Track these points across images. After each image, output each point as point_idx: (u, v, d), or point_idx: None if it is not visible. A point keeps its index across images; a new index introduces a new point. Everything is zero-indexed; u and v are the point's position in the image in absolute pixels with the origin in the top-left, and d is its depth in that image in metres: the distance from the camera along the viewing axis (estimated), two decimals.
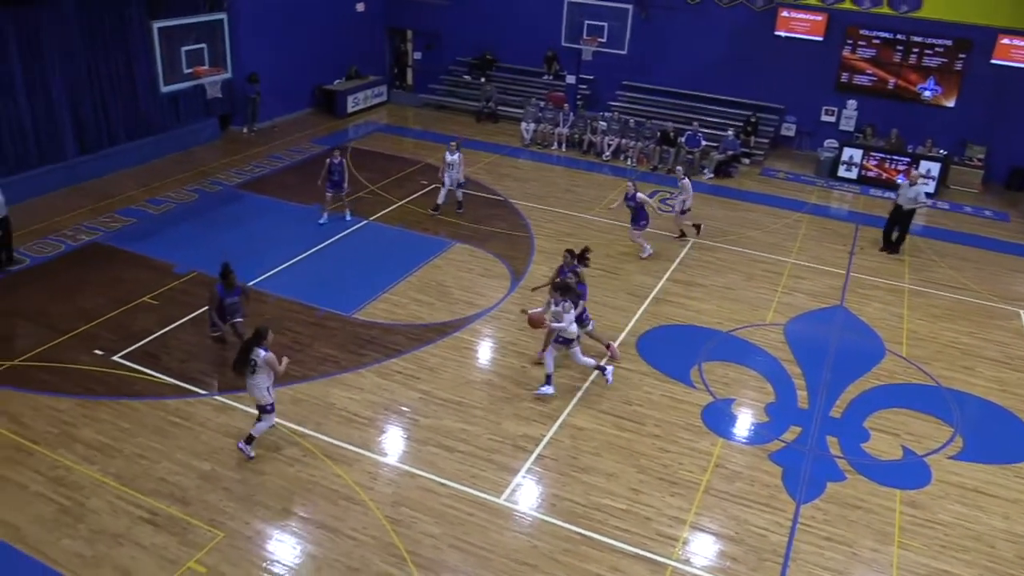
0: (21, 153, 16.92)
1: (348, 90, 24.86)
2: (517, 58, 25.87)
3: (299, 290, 13.83)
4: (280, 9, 22.39)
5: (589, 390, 11.50)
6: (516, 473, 9.82)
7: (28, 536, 8.50)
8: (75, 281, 13.76)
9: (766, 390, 11.79)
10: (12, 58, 16.28)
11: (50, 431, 10.10)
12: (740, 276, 15.35)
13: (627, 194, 15.58)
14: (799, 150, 23.22)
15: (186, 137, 20.73)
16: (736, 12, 22.81)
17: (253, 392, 9.62)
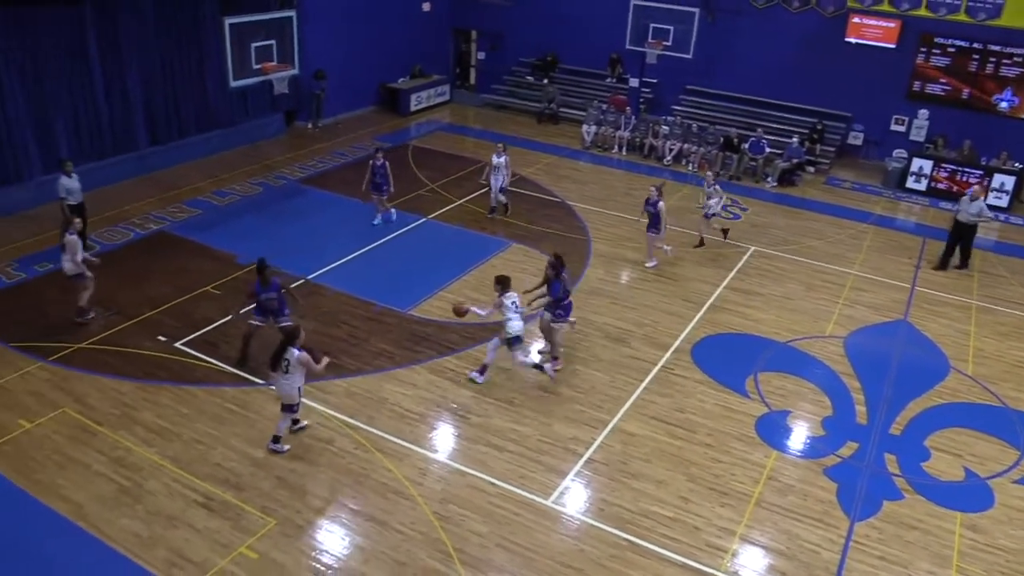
0: (96, 143, 17.53)
1: (411, 89, 25.11)
2: (580, 60, 25.80)
3: (357, 285, 14.00)
4: (348, 7, 22.72)
5: (642, 396, 11.41)
6: (565, 476, 9.79)
7: (89, 513, 8.77)
8: (142, 269, 14.16)
9: (823, 403, 11.54)
10: (92, 52, 16.88)
11: (113, 413, 10.42)
12: (800, 286, 15.06)
13: (648, 199, 15.09)
14: (866, 159, 22.69)
15: (252, 131, 21.18)
16: (805, 17, 22.39)
17: (283, 390, 9.60)
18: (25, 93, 15.91)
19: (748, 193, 19.85)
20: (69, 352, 11.64)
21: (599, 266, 15.30)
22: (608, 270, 15.23)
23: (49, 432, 9.97)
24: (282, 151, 20.84)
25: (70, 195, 14.01)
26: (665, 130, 21.99)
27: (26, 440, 9.81)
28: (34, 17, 15.68)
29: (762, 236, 17.22)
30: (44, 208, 15.90)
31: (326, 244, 15.45)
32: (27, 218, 15.85)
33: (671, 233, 16.34)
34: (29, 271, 13.90)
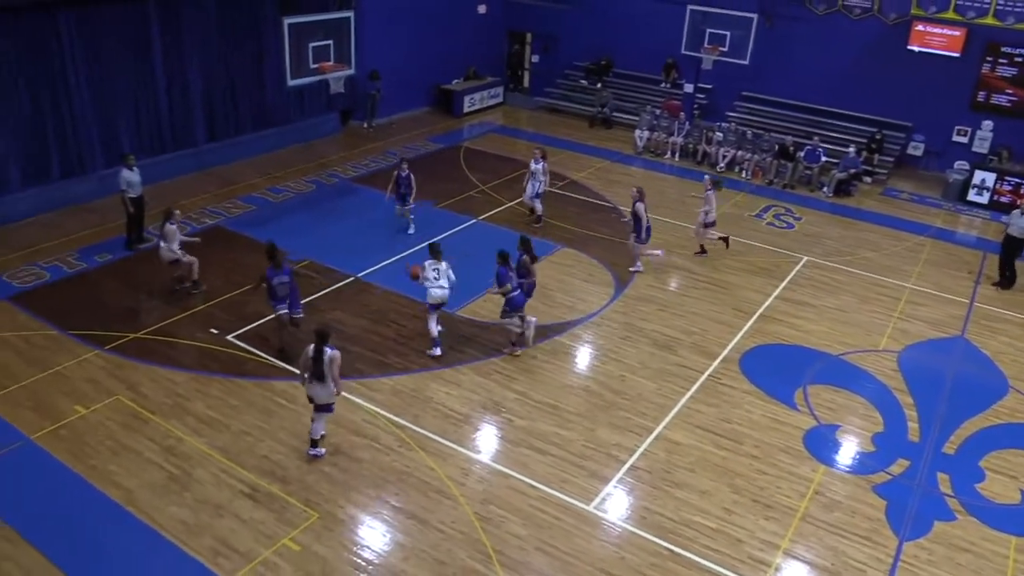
0: (157, 139, 17.96)
1: (465, 90, 25.23)
2: (634, 64, 25.65)
3: (405, 284, 14.07)
4: (404, 9, 22.91)
5: (688, 405, 11.30)
6: (607, 482, 9.73)
7: (139, 500, 8.97)
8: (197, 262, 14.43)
9: (874, 419, 11.30)
10: (155, 50, 17.31)
11: (166, 402, 10.65)
12: (854, 298, 14.77)
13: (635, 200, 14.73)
14: (926, 170, 22.15)
15: (308, 130, 21.50)
16: (867, 24, 21.96)
17: (322, 393, 9.47)
18: (91, 88, 16.39)
19: (802, 202, 19.53)
20: (125, 341, 11.93)
21: (648, 272, 15.19)
22: (657, 276, 15.11)
23: (103, 419, 10.23)
24: (336, 150, 21.10)
25: (131, 188, 14.38)
26: (719, 136, 21.74)
27: (82, 425, 10.08)
28: (101, 15, 16.12)
29: (815, 246, 16.93)
30: (105, 201, 16.37)
31: (376, 243, 15.60)
32: (88, 210, 16.30)
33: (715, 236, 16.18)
34: (90, 261, 14.28)
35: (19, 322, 12.28)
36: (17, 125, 15.43)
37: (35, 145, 15.81)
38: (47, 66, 15.57)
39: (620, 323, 13.36)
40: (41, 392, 10.66)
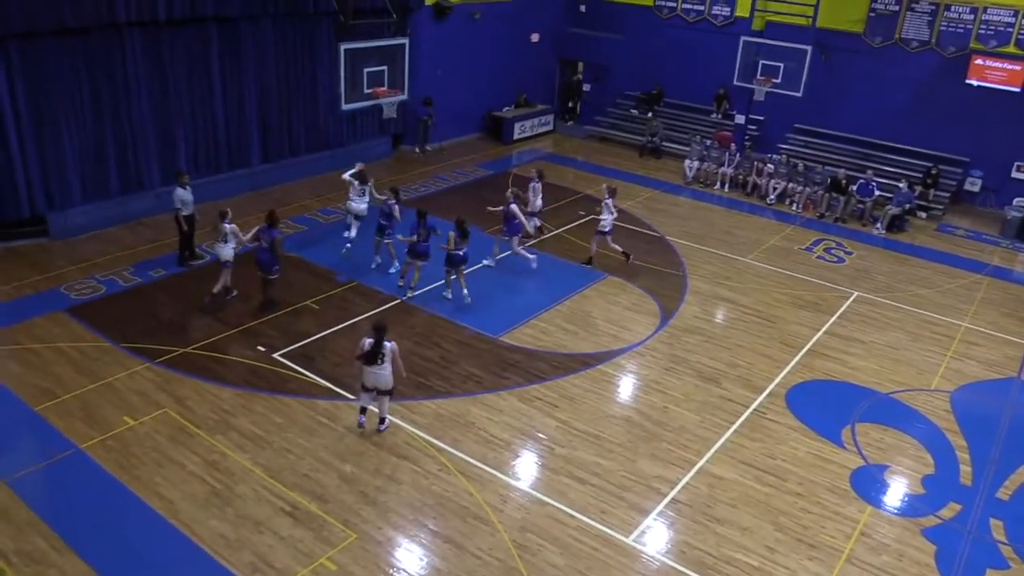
0: (212, 158, 18.39)
1: (516, 117, 25.41)
2: (685, 95, 25.64)
3: (450, 308, 14.17)
4: (458, 36, 23.21)
5: (732, 439, 11.12)
6: (647, 514, 9.60)
7: (181, 512, 9.09)
8: (247, 280, 14.66)
9: (925, 460, 11.00)
10: (214, 71, 17.78)
11: (211, 417, 10.80)
12: (906, 336, 14.45)
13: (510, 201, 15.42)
14: (983, 207, 21.68)
15: (360, 153, 21.72)
16: (924, 57, 21.68)
17: (379, 380, 10.34)
18: (151, 107, 16.86)
19: (854, 236, 19.22)
20: (175, 355, 12.16)
21: (695, 303, 15.06)
22: (704, 308, 14.96)
23: (151, 431, 10.41)
24: (387, 173, 21.34)
25: (184, 206, 14.70)
26: (770, 168, 21.54)
27: (130, 436, 10.27)
28: (162, 35, 16.62)
29: (866, 281, 16.63)
30: (161, 217, 16.79)
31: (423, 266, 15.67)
32: (145, 225, 16.73)
33: (772, 273, 16.00)
34: (144, 276, 14.62)
35: (75, 333, 12.60)
36: (81, 141, 15.94)
37: (97, 161, 16.31)
38: (111, 84, 16.08)
39: (665, 354, 13.25)
40: (92, 402, 10.90)
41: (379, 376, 10.31)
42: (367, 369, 10.30)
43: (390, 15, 18.92)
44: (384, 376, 10.32)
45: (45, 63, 14.98)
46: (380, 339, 10.17)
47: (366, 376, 10.39)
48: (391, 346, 10.26)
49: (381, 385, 10.42)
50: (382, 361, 10.20)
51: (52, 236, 15.78)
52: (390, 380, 10.40)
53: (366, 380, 10.43)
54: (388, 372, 10.31)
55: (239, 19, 17.78)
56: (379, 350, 10.15)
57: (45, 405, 10.77)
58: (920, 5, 21.53)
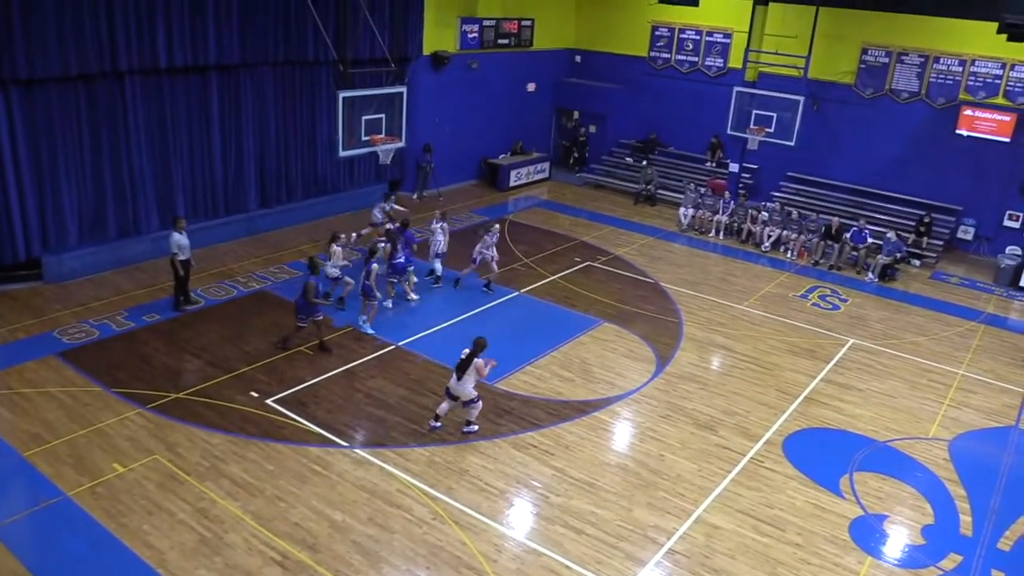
0: (210, 203, 18.48)
1: (512, 164, 25.61)
2: (679, 143, 25.94)
3: (446, 354, 14.08)
4: (456, 85, 23.54)
5: (729, 488, 11.00)
6: (643, 564, 9.45)
7: (169, 562, 8.92)
8: (242, 325, 14.65)
9: (924, 510, 10.88)
10: (214, 117, 17.95)
11: (202, 463, 10.67)
12: (903, 384, 14.41)
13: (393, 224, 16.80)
14: (976, 255, 21.82)
15: (357, 198, 21.93)
16: (914, 108, 22.00)
17: (461, 390, 11.39)
18: (150, 152, 16.98)
19: (848, 284, 19.28)
20: (167, 401, 12.05)
21: (691, 350, 15.03)
22: (699, 354, 14.93)
23: (140, 477, 10.27)
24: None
25: (181, 251, 14.71)
26: (765, 216, 21.68)
27: (118, 484, 10.13)
28: (163, 83, 16.80)
29: (862, 329, 16.63)
30: (156, 262, 16.80)
31: (418, 312, 15.70)
32: (141, 270, 16.71)
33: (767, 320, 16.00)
34: (138, 321, 14.55)
35: (66, 378, 12.50)
36: (80, 186, 16.02)
37: (94, 205, 16.37)
38: (111, 129, 16.21)
39: (661, 401, 13.18)
40: (82, 448, 10.76)
41: (459, 387, 11.39)
42: (453, 378, 11.43)
43: (389, 64, 19.15)
44: (462, 388, 11.37)
45: (46, 108, 15.12)
46: (473, 353, 11.26)
47: (451, 384, 11.51)
48: (477, 362, 11.27)
49: (458, 393, 11.46)
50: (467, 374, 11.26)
51: (47, 280, 15.75)
52: (469, 391, 11.42)
53: (451, 387, 11.54)
54: (468, 385, 11.36)
55: (239, 67, 18.02)
56: (470, 363, 11.21)
57: (34, 451, 10.63)
58: (909, 57, 21.91)
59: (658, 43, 25.97)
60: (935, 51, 21.52)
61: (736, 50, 24.01)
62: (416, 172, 23.09)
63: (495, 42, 24.74)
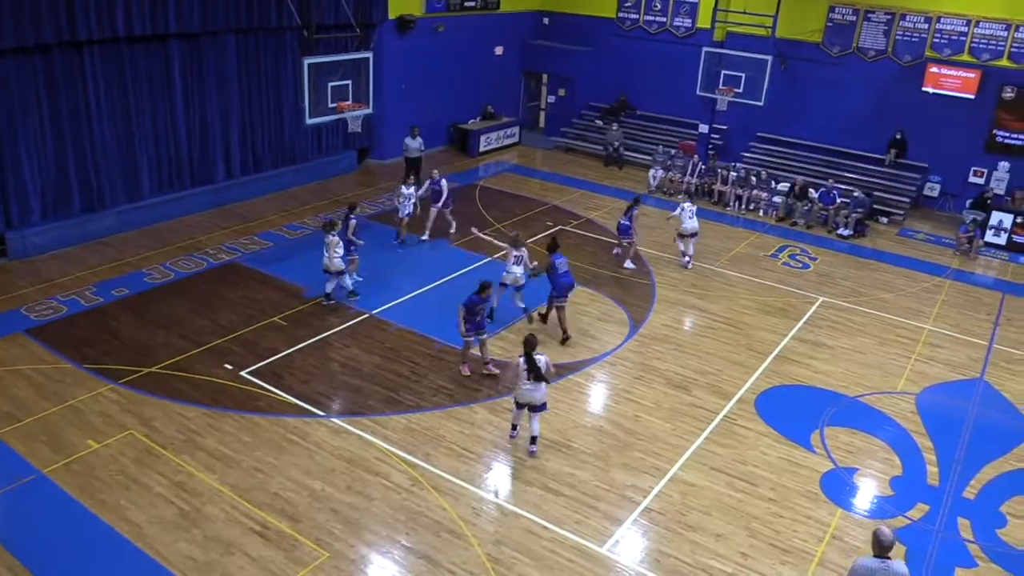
0: (176, 175, 18.18)
1: (481, 129, 25.44)
2: (649, 105, 25.87)
3: (420, 321, 14.11)
4: (422, 49, 23.23)
5: (703, 446, 11.18)
6: (621, 524, 9.60)
7: (148, 535, 8.92)
8: (213, 297, 14.52)
9: (893, 462, 11.13)
10: (176, 87, 17.61)
11: (177, 437, 10.63)
12: (871, 340, 14.65)
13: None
14: (942, 211, 22.13)
15: (325, 167, 21.71)
16: (881, 66, 22.12)
17: (534, 396, 10.43)
18: (112, 125, 16.65)
19: (817, 242, 19.49)
20: (139, 376, 11.96)
21: (663, 311, 15.15)
22: (672, 316, 15.05)
23: (116, 453, 10.22)
24: (352, 188, 21.26)
25: None
26: (733, 176, 21.78)
27: (93, 460, 10.07)
28: (124, 53, 16.43)
29: (831, 286, 16.85)
30: (123, 235, 16.58)
31: (390, 280, 15.64)
32: (106, 244, 16.47)
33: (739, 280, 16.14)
34: (106, 296, 14.37)
35: (35, 355, 12.34)
36: (41, 160, 15.68)
37: (57, 180, 16.05)
38: (71, 102, 15.85)
39: (634, 363, 13.30)
40: (55, 426, 10.67)
41: (534, 392, 10.42)
42: (522, 386, 10.40)
43: (354, 29, 18.87)
44: (539, 392, 10.44)
45: (3, 81, 14.72)
46: (530, 354, 10.33)
47: (520, 393, 10.50)
48: (544, 360, 10.41)
49: (536, 401, 10.51)
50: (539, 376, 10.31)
51: (11, 256, 15.46)
52: (544, 395, 10.54)
53: (520, 397, 10.55)
54: (543, 388, 10.46)
55: (201, 35, 17.64)
56: (536, 364, 10.27)
57: (5, 429, 10.51)
58: (876, 15, 21.97)
59: (626, 3, 25.79)
60: (902, 8, 21.60)
61: (704, 10, 23.90)
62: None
63: (461, 5, 24.43)
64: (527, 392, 10.43)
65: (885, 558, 7.09)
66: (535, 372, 10.30)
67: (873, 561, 7.12)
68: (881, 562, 7.08)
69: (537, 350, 10.44)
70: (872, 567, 7.09)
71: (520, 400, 10.60)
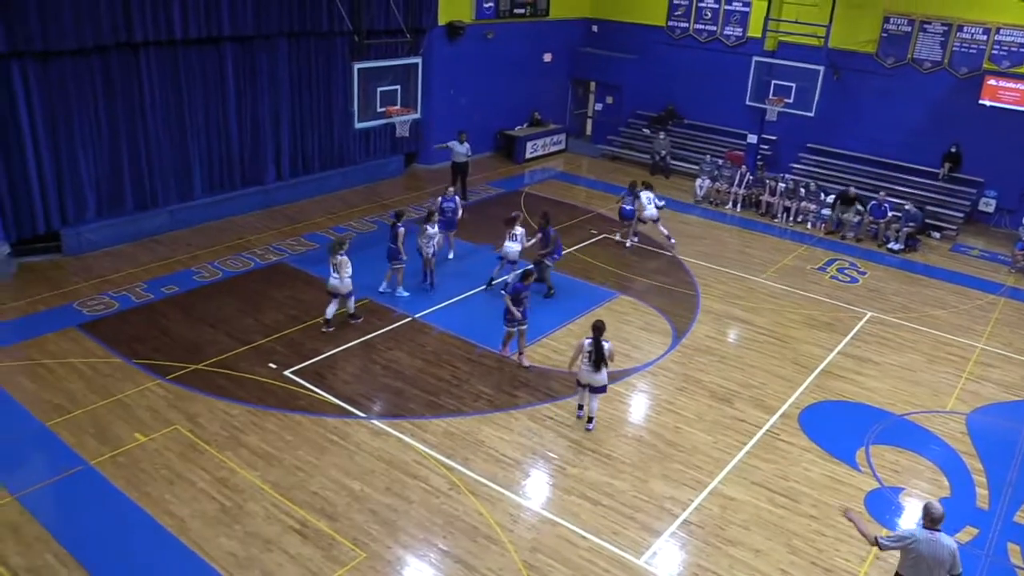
0: (227, 175, 18.52)
1: (528, 136, 25.45)
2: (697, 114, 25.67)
3: (462, 326, 14.15)
4: (471, 56, 23.34)
5: (744, 460, 11.02)
6: (659, 535, 9.51)
7: (190, 529, 9.06)
8: (259, 297, 14.73)
9: (941, 483, 10.86)
10: (229, 89, 17.94)
11: (221, 433, 10.79)
12: (921, 357, 14.33)
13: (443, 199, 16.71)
14: (997, 227, 21.57)
15: (372, 171, 21.92)
16: (937, 78, 21.66)
17: (593, 378, 11.08)
18: (167, 126, 17.02)
19: (867, 256, 19.13)
20: (186, 372, 12.17)
21: (707, 323, 14.99)
22: (716, 327, 14.89)
23: (161, 447, 10.41)
24: (399, 191, 21.44)
25: None
26: (782, 188, 21.49)
27: (139, 453, 10.27)
28: (178, 54, 16.79)
29: (880, 302, 16.53)
30: (174, 234, 16.93)
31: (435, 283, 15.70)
32: (158, 242, 16.81)
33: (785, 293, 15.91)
34: (157, 293, 14.66)
35: (87, 349, 12.64)
36: (96, 159, 16.08)
37: (111, 178, 16.45)
38: (127, 102, 16.24)
39: (677, 373, 13.18)
40: (103, 419, 10.91)
41: (593, 374, 11.07)
42: (583, 367, 11.08)
43: (404, 35, 19.04)
44: (600, 375, 11.07)
45: (63, 81, 15.14)
46: (598, 339, 10.95)
47: (581, 373, 11.19)
48: (608, 346, 11.04)
49: (595, 382, 11.13)
50: (601, 360, 10.97)
51: (66, 252, 15.87)
52: (605, 379, 11.17)
53: (581, 377, 11.26)
54: (603, 371, 11.10)
55: (254, 38, 17.96)
56: (600, 350, 10.91)
57: (56, 421, 10.79)
58: (932, 26, 21.53)
59: (676, 12, 25.64)
60: (959, 19, 21.14)
61: (755, 19, 23.67)
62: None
63: (511, 11, 24.49)
64: (587, 373, 11.06)
65: (935, 530, 7.31)
66: (598, 356, 10.90)
67: (923, 532, 7.33)
68: (931, 534, 7.29)
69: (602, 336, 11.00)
70: (920, 537, 7.28)
71: (581, 380, 11.27)
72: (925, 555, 7.23)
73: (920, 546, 7.24)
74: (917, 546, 7.25)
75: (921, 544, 7.23)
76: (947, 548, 7.22)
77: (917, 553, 7.26)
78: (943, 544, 7.22)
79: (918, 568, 7.31)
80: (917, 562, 7.29)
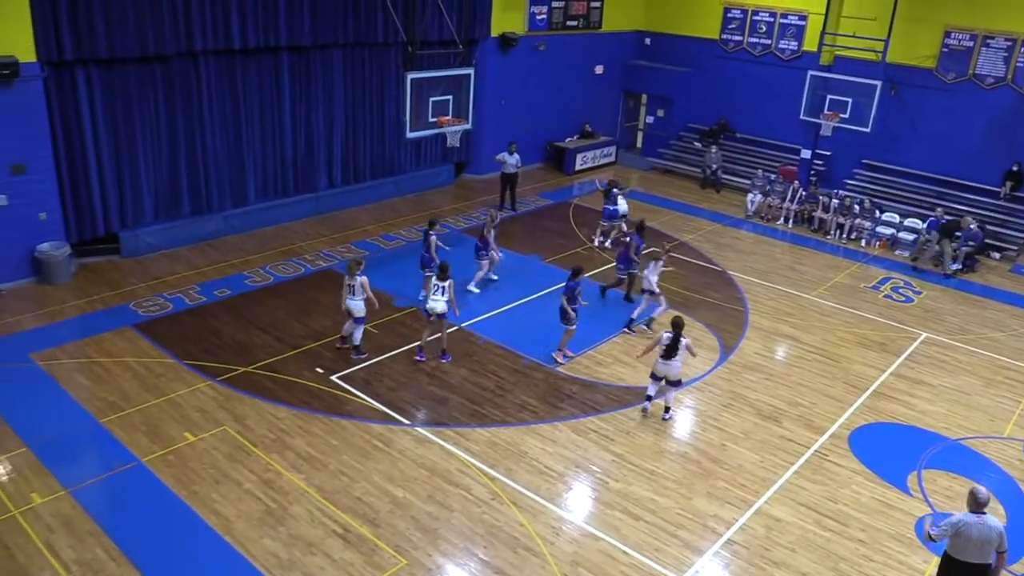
0: (280, 182, 18.84)
1: (577, 148, 25.44)
2: (750, 128, 25.40)
3: (508, 336, 14.16)
4: (523, 67, 23.44)
5: (791, 480, 10.82)
6: (702, 554, 9.38)
7: (235, 530, 9.19)
8: (308, 302, 14.93)
9: (996, 511, 10.51)
10: (285, 97, 18.26)
11: (268, 436, 10.94)
12: (977, 380, 13.94)
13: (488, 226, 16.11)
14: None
15: (423, 180, 22.11)
16: (999, 94, 21.11)
17: (670, 371, 11.71)
18: (223, 132, 17.40)
19: (922, 276, 18.69)
20: (236, 374, 12.37)
21: (756, 339, 14.78)
22: (765, 344, 14.68)
23: (210, 447, 10.59)
24: (448, 201, 21.58)
25: None
26: (836, 204, 21.14)
27: (188, 452, 10.46)
28: (236, 63, 17.16)
29: (936, 322, 16.13)
30: (227, 239, 17.23)
31: (482, 294, 15.76)
32: (212, 247, 17.15)
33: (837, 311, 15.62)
34: (209, 296, 14.95)
35: (141, 349, 12.93)
36: (156, 164, 16.51)
37: (169, 183, 16.87)
38: (186, 110, 16.66)
39: (724, 390, 13.01)
40: (155, 417, 11.14)
41: (670, 367, 11.66)
42: (660, 360, 11.66)
43: (457, 46, 19.20)
44: (675, 368, 11.66)
45: (124, 88, 15.58)
46: (678, 335, 11.51)
47: (657, 366, 11.78)
48: (686, 342, 11.59)
49: (671, 375, 11.75)
50: (677, 354, 11.57)
51: (124, 254, 16.30)
52: (679, 372, 11.78)
53: (657, 370, 11.82)
54: (678, 365, 11.67)
55: (310, 48, 18.27)
56: (677, 344, 11.49)
57: (110, 418, 11.05)
58: (995, 41, 21.02)
59: (730, 25, 25.45)
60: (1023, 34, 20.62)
61: (811, 33, 23.37)
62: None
63: (563, 24, 24.55)
64: (663, 367, 11.67)
65: (981, 513, 7.78)
66: (673, 350, 11.53)
67: (970, 516, 7.80)
68: (978, 517, 7.78)
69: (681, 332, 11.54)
70: (969, 521, 7.77)
71: (657, 373, 11.82)
72: (975, 537, 7.75)
73: (971, 530, 7.75)
74: (968, 530, 7.75)
75: (972, 528, 7.75)
76: (994, 529, 7.76)
77: (967, 536, 7.77)
78: (990, 526, 7.75)
79: (967, 549, 7.82)
80: (966, 543, 7.80)
